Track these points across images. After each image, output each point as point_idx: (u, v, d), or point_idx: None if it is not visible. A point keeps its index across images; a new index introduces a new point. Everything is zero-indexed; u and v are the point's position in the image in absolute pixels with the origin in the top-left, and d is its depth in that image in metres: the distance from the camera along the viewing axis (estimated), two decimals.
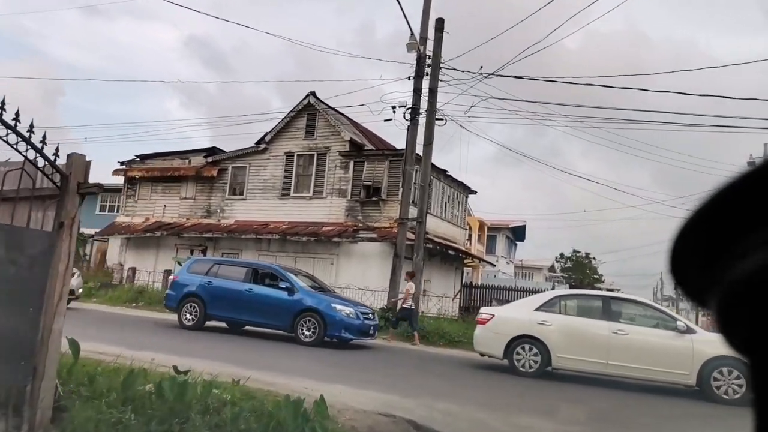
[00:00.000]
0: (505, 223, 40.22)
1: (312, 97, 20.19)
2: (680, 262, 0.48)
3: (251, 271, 12.16)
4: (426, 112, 13.94)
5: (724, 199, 0.43)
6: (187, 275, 12.54)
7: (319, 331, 10.86)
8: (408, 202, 13.96)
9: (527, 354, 9.31)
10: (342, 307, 11.16)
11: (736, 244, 0.43)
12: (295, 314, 11.07)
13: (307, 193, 20.25)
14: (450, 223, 22.99)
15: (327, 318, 10.89)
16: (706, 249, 0.45)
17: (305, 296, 11.33)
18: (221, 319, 12.16)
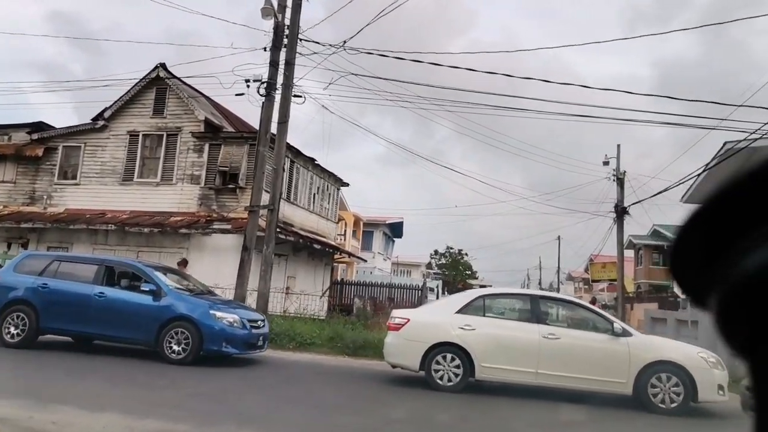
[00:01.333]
0: (382, 218, 39.78)
1: (161, 70, 17.76)
2: (680, 262, 0.48)
3: (103, 269, 9.69)
4: (281, 86, 12.43)
5: (725, 198, 0.43)
6: (12, 276, 9.83)
7: (192, 346, 8.76)
8: (260, 188, 12.36)
9: (448, 365, 8.04)
10: (223, 314, 9.15)
11: (736, 243, 0.43)
12: (162, 324, 8.92)
13: (154, 178, 17.79)
14: (319, 216, 21.65)
15: (203, 329, 8.83)
16: (706, 248, 0.45)
17: (176, 301, 9.19)
18: (61, 333, 9.72)
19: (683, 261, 0.48)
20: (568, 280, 69.64)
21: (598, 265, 36.03)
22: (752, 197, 0.42)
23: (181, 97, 17.78)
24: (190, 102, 17.64)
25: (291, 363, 10.16)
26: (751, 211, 0.42)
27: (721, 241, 0.44)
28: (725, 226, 0.44)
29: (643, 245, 38.84)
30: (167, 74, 17.82)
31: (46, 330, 9.48)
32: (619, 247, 23.03)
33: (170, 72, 17.88)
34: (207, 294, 10.59)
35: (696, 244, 0.46)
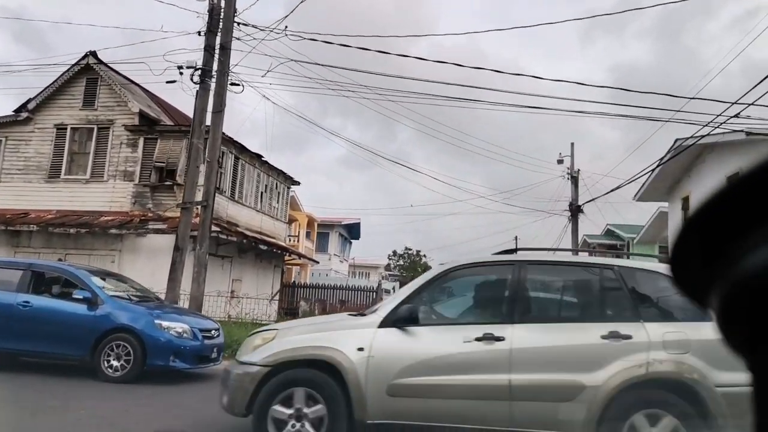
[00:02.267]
0: (337, 219, 38.89)
1: (91, 58, 16.44)
2: (681, 261, 0.48)
3: (30, 275, 8.48)
4: (216, 73, 11.46)
5: (726, 197, 0.44)
6: None
7: (134, 361, 7.76)
8: (194, 183, 11.36)
9: None
10: (171, 323, 8.18)
11: (736, 243, 0.43)
12: (99, 337, 7.84)
13: (83, 175, 16.43)
14: (268, 215, 20.62)
15: (147, 340, 7.85)
16: (706, 248, 0.45)
17: (115, 309, 8.13)
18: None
19: (683, 261, 0.48)
20: None
21: None
22: (752, 197, 0.41)
23: (113, 88, 16.50)
24: (123, 93, 16.38)
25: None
26: (752, 211, 0.41)
27: (721, 240, 0.44)
28: (725, 225, 0.43)
29: (597, 244, 39.22)
30: (98, 63, 16.52)
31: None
32: (574, 245, 22.90)
33: (101, 60, 16.59)
34: (154, 301, 9.47)
35: (696, 244, 0.46)
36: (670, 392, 4.15)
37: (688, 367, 4.12)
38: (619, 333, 4.28)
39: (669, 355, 4.19)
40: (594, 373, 4.19)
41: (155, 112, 17.36)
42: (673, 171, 18.73)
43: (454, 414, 4.32)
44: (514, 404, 4.25)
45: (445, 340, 4.51)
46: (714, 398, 4.02)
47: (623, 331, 4.29)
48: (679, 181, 19.34)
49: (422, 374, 4.37)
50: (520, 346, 4.34)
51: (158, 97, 19.11)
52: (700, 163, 17.59)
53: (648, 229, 29.82)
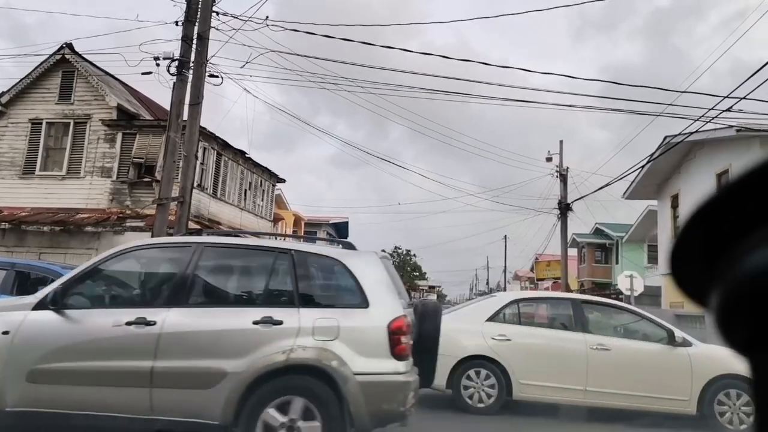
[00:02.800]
0: (325, 218, 38.53)
1: (67, 50, 15.92)
2: (681, 261, 0.48)
3: (13, 275, 7.77)
4: (194, 63, 11.03)
5: (726, 197, 0.44)
6: None
7: None
8: (171, 178, 10.93)
9: (480, 382, 6.83)
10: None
11: (737, 243, 0.43)
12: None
13: (59, 171, 15.91)
14: (252, 213, 20.19)
15: None
16: (707, 247, 0.45)
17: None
18: None
19: (683, 260, 0.48)
20: (515, 279, 70.40)
21: (543, 263, 36.08)
22: (753, 197, 0.42)
23: (90, 81, 15.99)
24: (100, 87, 15.88)
25: None
26: (752, 211, 0.42)
27: (721, 240, 0.44)
28: (726, 225, 0.43)
29: (586, 243, 39.19)
30: (75, 56, 16.00)
31: None
32: (563, 243, 22.70)
33: (78, 53, 16.07)
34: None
35: (696, 244, 0.46)
36: (310, 378, 4.08)
37: (328, 354, 4.06)
38: (271, 318, 4.15)
39: (315, 342, 4.10)
40: (238, 360, 4.05)
41: (134, 107, 16.87)
42: (663, 169, 18.56)
43: (92, 401, 4.12)
44: (154, 391, 4.06)
45: (95, 324, 4.28)
46: (349, 385, 3.98)
47: (276, 316, 4.17)
48: (668, 179, 19.17)
49: (65, 360, 4.17)
50: (170, 331, 4.15)
51: (138, 91, 18.62)
52: (689, 160, 17.42)
53: (637, 228, 29.74)
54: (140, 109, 17.10)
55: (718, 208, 0.44)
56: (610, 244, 38.30)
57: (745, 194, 0.42)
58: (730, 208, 0.44)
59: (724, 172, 15.44)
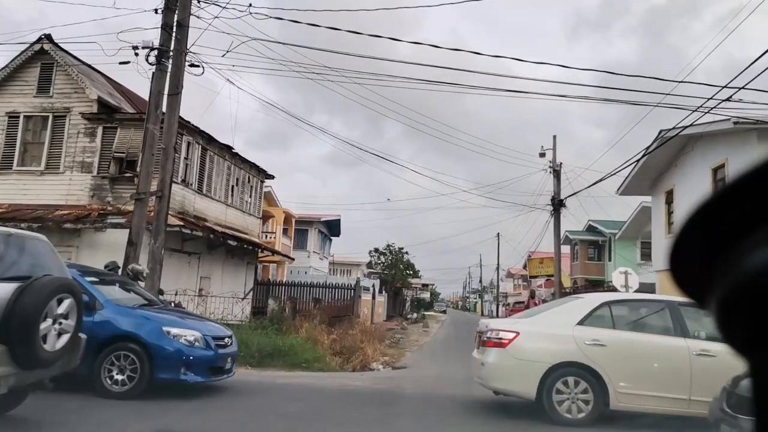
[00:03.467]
0: (316, 216, 38.03)
1: (46, 42, 15.38)
2: (681, 261, 0.48)
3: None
4: (173, 52, 10.58)
5: (725, 197, 0.44)
6: None
7: (141, 374, 6.78)
8: (149, 172, 10.49)
9: (573, 391, 6.38)
10: (181, 330, 7.20)
11: (737, 243, 0.43)
12: (99, 346, 6.79)
13: (37, 166, 15.38)
14: (240, 210, 19.73)
15: (155, 351, 6.88)
16: (706, 247, 0.45)
17: (115, 315, 7.11)
18: None
19: (683, 260, 0.47)
20: (508, 277, 70.25)
21: (536, 260, 35.83)
22: (753, 197, 0.42)
23: (70, 74, 15.46)
24: (80, 79, 15.36)
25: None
26: (752, 211, 0.42)
27: (721, 240, 0.43)
28: (726, 225, 0.43)
29: (579, 240, 38.98)
30: (54, 47, 15.47)
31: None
32: (556, 240, 22.40)
33: (57, 44, 15.53)
34: (158, 305, 8.43)
35: (696, 244, 0.46)
36: None
37: None
38: None
39: None
40: None
41: (116, 100, 16.36)
42: (657, 164, 18.27)
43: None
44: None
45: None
46: None
47: None
48: (663, 175, 18.88)
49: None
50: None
51: (121, 85, 18.11)
52: (684, 155, 17.13)
53: (630, 225, 29.52)
54: (122, 103, 16.59)
55: (718, 208, 0.43)
56: (603, 242, 38.14)
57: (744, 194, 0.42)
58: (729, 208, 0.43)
59: (720, 167, 15.15)
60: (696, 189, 15.67)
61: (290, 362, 9.86)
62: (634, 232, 29.96)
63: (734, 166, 14.40)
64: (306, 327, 12.81)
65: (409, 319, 40.96)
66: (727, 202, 0.44)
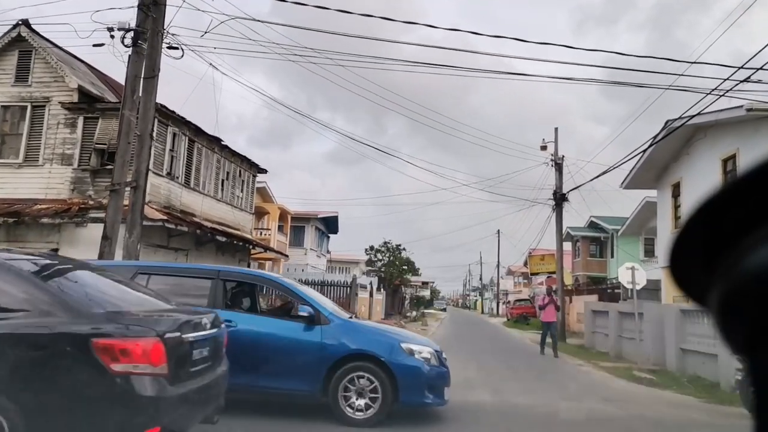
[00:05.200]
0: (313, 213, 37.37)
1: (24, 28, 14.69)
2: (681, 261, 0.48)
3: (220, 284, 6.51)
4: (149, 32, 9.88)
5: (726, 196, 0.44)
6: None
7: (383, 398, 6.00)
8: (125, 161, 9.80)
9: None
10: (418, 346, 6.43)
11: (737, 242, 0.43)
12: (331, 366, 6.06)
13: (15, 158, 14.70)
14: (230, 205, 19.05)
15: (397, 370, 6.06)
16: (707, 246, 0.45)
17: (345, 330, 6.33)
18: None
19: (683, 259, 0.47)
20: (508, 274, 69.60)
21: (537, 257, 35.13)
22: (753, 196, 0.42)
23: (49, 62, 14.77)
24: (60, 67, 14.66)
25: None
26: (753, 210, 0.41)
27: (721, 239, 0.43)
28: (726, 224, 0.43)
29: (581, 237, 38.30)
30: (32, 34, 14.77)
31: None
32: (558, 235, 21.71)
33: (36, 31, 14.84)
34: (356, 316, 7.82)
35: (697, 242, 0.46)
36: None
37: None
38: None
39: None
40: None
41: (99, 90, 15.67)
42: (663, 156, 17.57)
43: None
44: None
45: None
46: None
47: None
48: (669, 167, 18.18)
49: None
50: None
51: (105, 74, 17.43)
52: (692, 145, 16.42)
53: (633, 220, 28.82)
54: (106, 93, 15.90)
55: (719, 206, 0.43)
56: (605, 238, 37.46)
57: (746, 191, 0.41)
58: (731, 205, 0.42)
59: (731, 157, 14.46)
60: (705, 181, 14.97)
61: None
62: (638, 227, 29.27)
63: (746, 156, 13.71)
64: None
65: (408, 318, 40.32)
66: (728, 200, 0.42)
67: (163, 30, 9.91)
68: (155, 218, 13.06)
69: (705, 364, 11.17)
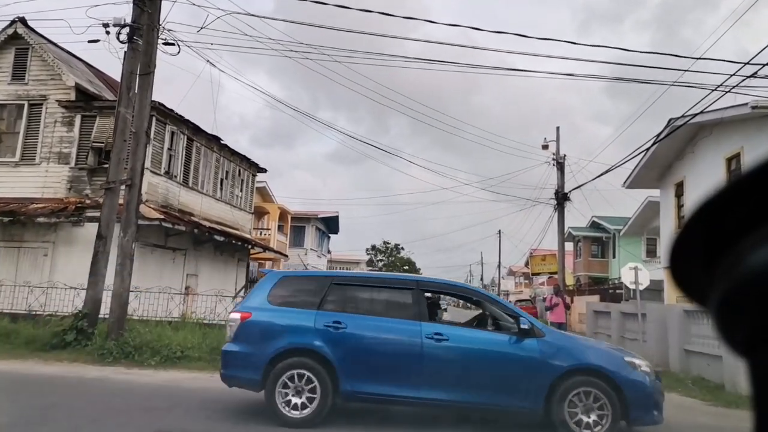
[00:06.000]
0: (313, 212, 37.20)
1: (20, 26, 14.55)
2: (681, 262, 0.48)
3: (420, 295, 6.24)
4: (145, 27, 9.73)
5: (726, 196, 0.44)
6: (270, 310, 6.01)
7: (613, 415, 5.62)
8: (121, 159, 9.65)
9: None
10: (638, 360, 6.11)
11: (737, 243, 0.43)
12: (553, 383, 5.69)
13: (11, 157, 14.56)
14: (229, 204, 18.90)
15: (626, 386, 5.69)
16: (708, 245, 0.45)
17: (560, 344, 5.99)
18: (370, 399, 5.89)
19: (683, 259, 0.47)
20: (509, 275, 69.39)
21: (538, 257, 34.94)
22: (754, 195, 0.41)
23: (46, 60, 14.63)
24: (57, 65, 14.52)
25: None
26: (753, 210, 0.41)
27: (722, 240, 0.43)
28: (726, 225, 0.43)
29: (582, 237, 38.11)
30: (29, 31, 14.63)
31: (349, 396, 5.82)
32: (560, 235, 21.53)
33: (33, 29, 14.71)
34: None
35: (697, 243, 0.46)
36: None
37: None
38: None
39: None
40: None
41: (96, 88, 15.53)
42: (666, 154, 17.38)
43: None
44: None
45: None
46: None
47: None
48: (672, 166, 17.99)
49: None
50: None
51: (104, 72, 17.31)
52: (695, 144, 16.24)
53: (635, 220, 28.62)
54: (103, 91, 15.76)
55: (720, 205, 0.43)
56: (606, 238, 37.25)
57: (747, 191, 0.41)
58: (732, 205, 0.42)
59: (735, 156, 14.28)
60: (708, 180, 14.79)
61: None
62: (640, 227, 29.08)
63: (750, 155, 13.52)
64: None
65: None
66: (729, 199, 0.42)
67: (158, 26, 9.76)
68: (152, 217, 12.92)
69: (710, 366, 11.00)
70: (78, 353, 8.99)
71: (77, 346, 9.14)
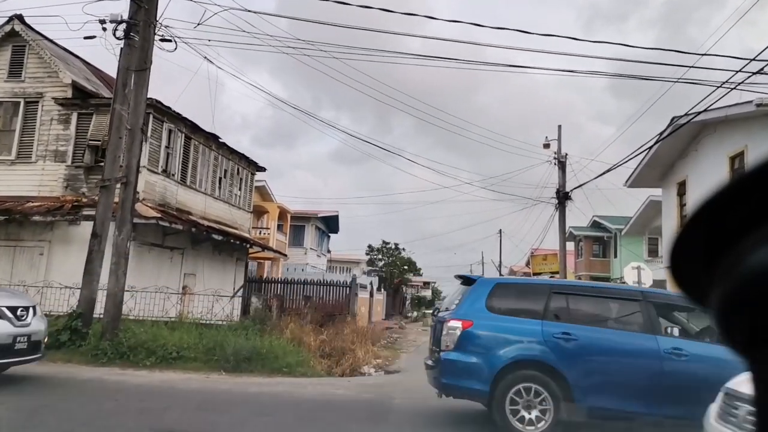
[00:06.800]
0: (313, 212, 37.04)
1: (18, 23, 14.41)
2: (681, 262, 0.48)
3: (650, 308, 5.99)
4: (141, 23, 9.59)
5: (726, 196, 0.44)
6: (491, 318, 5.87)
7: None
8: (116, 156, 9.51)
9: None
10: None
11: (738, 243, 0.42)
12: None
13: (8, 155, 14.42)
14: (228, 203, 18.74)
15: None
16: (707, 247, 0.45)
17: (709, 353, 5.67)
18: (608, 414, 5.64)
19: (684, 259, 0.47)
20: (510, 275, 69.21)
21: (539, 257, 34.77)
22: (756, 194, 0.41)
23: (43, 57, 14.48)
24: (54, 62, 14.38)
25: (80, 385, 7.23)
26: (753, 210, 0.41)
27: (722, 240, 0.43)
28: (727, 225, 0.43)
29: (584, 236, 37.96)
30: (26, 28, 14.49)
31: (583, 411, 5.58)
32: (561, 235, 21.37)
33: (30, 26, 14.56)
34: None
35: (697, 243, 0.45)
36: None
37: None
38: None
39: None
40: None
41: (94, 85, 15.38)
42: (668, 154, 17.23)
43: None
44: None
45: None
46: None
47: None
48: (674, 165, 17.84)
49: None
50: None
51: (101, 70, 17.15)
52: (699, 142, 16.09)
53: (637, 220, 28.47)
54: (101, 88, 15.61)
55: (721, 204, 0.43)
56: (608, 237, 37.09)
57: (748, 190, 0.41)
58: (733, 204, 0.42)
59: (739, 155, 14.12)
60: (711, 180, 14.63)
61: (270, 367, 8.90)
62: (641, 227, 28.93)
63: (754, 153, 13.37)
64: (291, 327, 11.81)
65: (409, 318, 40.04)
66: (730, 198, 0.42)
67: (155, 22, 9.62)
68: (149, 216, 12.78)
69: None
70: (72, 353, 8.86)
71: (71, 346, 9.00)
